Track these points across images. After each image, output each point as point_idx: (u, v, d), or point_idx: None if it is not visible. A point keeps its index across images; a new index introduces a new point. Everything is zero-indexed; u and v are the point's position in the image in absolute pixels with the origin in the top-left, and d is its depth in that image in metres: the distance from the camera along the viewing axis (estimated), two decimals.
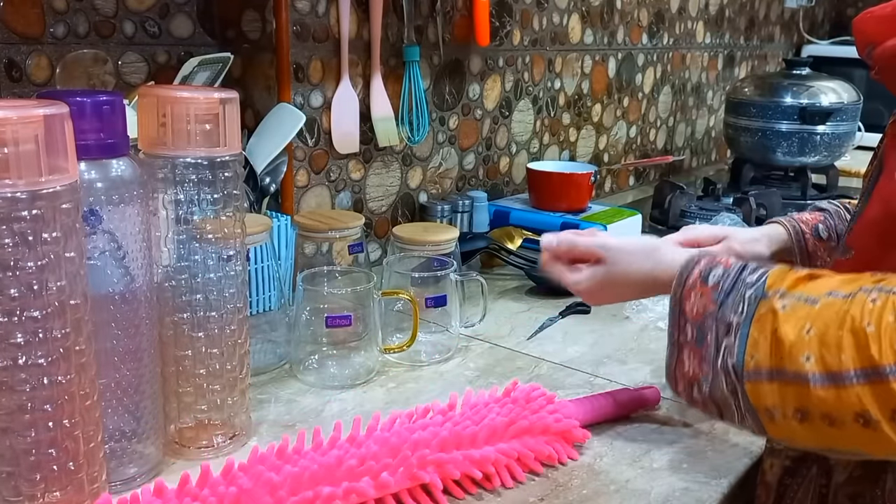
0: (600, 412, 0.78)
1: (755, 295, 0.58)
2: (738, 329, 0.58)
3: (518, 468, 0.69)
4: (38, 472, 0.55)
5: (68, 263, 0.53)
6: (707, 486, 0.70)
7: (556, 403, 0.75)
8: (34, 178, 0.50)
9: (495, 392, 0.77)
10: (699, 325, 0.61)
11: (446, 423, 0.69)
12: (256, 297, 0.95)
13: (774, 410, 0.55)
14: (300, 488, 0.60)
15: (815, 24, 2.82)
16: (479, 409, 0.73)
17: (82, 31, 0.92)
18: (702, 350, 0.60)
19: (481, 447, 0.68)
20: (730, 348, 0.58)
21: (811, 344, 0.53)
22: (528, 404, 0.74)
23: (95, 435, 0.58)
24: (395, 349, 0.90)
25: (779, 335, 0.55)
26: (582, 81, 1.68)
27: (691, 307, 0.62)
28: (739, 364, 0.57)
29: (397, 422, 0.70)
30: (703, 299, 0.61)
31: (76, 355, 0.55)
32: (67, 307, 0.54)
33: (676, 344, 0.63)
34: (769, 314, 0.56)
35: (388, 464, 0.63)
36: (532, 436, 0.71)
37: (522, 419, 0.71)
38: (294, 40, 1.08)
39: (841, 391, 0.51)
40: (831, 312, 0.54)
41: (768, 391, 0.55)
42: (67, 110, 0.52)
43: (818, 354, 0.53)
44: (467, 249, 1.16)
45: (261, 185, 1.01)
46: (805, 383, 0.53)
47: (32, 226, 0.51)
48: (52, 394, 0.54)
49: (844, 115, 1.73)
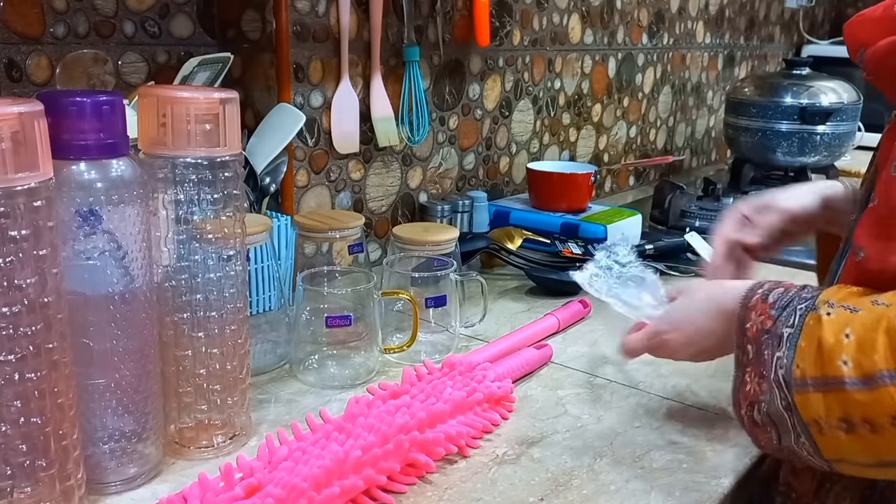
0: (519, 372, 0.87)
1: (807, 307, 0.59)
2: (789, 340, 0.58)
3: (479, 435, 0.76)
4: (7, 467, 0.55)
5: (39, 261, 0.53)
6: (707, 486, 0.69)
7: (490, 370, 0.82)
8: (2, 174, 0.50)
9: (432, 365, 0.82)
10: (757, 342, 0.62)
11: (415, 403, 0.73)
12: (256, 297, 0.95)
13: (822, 421, 0.55)
14: (321, 487, 0.61)
15: (815, 24, 2.82)
16: (436, 385, 0.77)
17: (82, 31, 0.92)
18: (760, 367, 0.61)
19: (448, 421, 0.73)
20: (781, 360, 0.58)
21: (848, 347, 0.54)
22: (473, 374, 0.80)
23: (69, 433, 0.57)
24: (395, 349, 0.90)
25: (820, 341, 0.56)
26: (582, 81, 1.68)
27: (751, 325, 0.63)
28: (788, 374, 0.58)
29: (374, 405, 0.73)
30: (762, 317, 0.62)
31: (47, 353, 0.55)
32: (37, 305, 0.53)
33: (740, 365, 0.64)
34: (816, 323, 0.57)
35: (389, 450, 0.66)
36: (484, 403, 0.78)
37: (476, 391, 0.77)
38: (294, 40, 1.08)
39: (875, 393, 0.52)
40: (870, 316, 0.54)
41: (815, 401, 0.56)
42: (42, 108, 0.52)
43: (854, 357, 0.54)
44: (467, 249, 1.16)
45: (261, 185, 1.01)
46: (843, 388, 0.54)
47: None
48: (21, 390, 0.54)
49: (844, 115, 1.73)
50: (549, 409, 0.82)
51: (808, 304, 0.59)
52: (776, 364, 0.59)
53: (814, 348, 0.56)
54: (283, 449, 0.65)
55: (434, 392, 0.76)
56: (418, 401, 0.73)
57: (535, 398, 0.84)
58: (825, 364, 0.55)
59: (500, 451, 0.74)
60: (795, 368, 0.57)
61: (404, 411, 0.71)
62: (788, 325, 0.59)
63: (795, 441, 0.59)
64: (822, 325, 0.57)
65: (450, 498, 0.66)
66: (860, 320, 0.55)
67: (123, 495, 0.64)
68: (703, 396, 0.85)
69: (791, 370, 0.57)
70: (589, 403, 0.84)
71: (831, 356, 0.55)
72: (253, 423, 0.76)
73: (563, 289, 1.14)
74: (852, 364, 0.54)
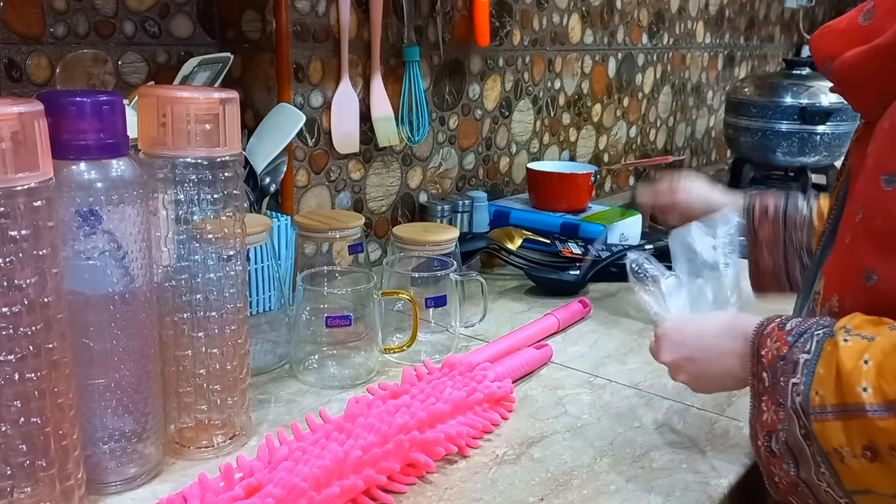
0: (519, 372, 0.87)
1: (825, 333, 0.59)
2: (806, 366, 0.58)
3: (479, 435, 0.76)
4: (7, 466, 0.55)
5: (39, 261, 0.53)
6: (707, 486, 0.70)
7: (490, 370, 0.82)
8: (2, 174, 0.50)
9: (432, 365, 0.82)
10: (773, 368, 0.61)
11: (415, 402, 0.73)
12: (256, 297, 0.95)
13: (843, 450, 0.55)
14: (321, 487, 0.61)
15: (815, 24, 2.81)
16: (436, 385, 0.77)
17: (82, 31, 0.92)
18: (776, 394, 0.60)
19: (448, 421, 0.73)
20: (797, 386, 0.58)
21: (868, 374, 0.54)
22: (473, 374, 0.80)
23: (69, 433, 0.57)
24: (395, 349, 0.90)
25: (839, 367, 0.55)
26: (582, 81, 1.68)
27: (767, 352, 0.62)
28: (805, 402, 0.57)
29: (374, 405, 0.73)
30: (778, 343, 0.61)
31: (47, 353, 0.55)
32: (38, 305, 0.53)
33: (756, 394, 0.63)
34: (833, 349, 0.57)
35: (389, 450, 0.66)
36: (484, 403, 0.78)
37: (476, 392, 0.77)
38: (294, 40, 1.08)
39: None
40: (888, 342, 0.54)
41: (833, 429, 0.55)
42: (42, 108, 0.52)
43: (875, 384, 0.53)
44: (467, 249, 1.16)
45: (261, 185, 1.01)
46: (864, 415, 0.53)
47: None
48: (21, 390, 0.54)
49: (844, 115, 1.73)
50: (549, 409, 0.82)
51: (826, 330, 0.59)
52: (793, 391, 0.58)
53: (833, 375, 0.55)
54: (283, 449, 0.65)
55: (434, 392, 0.76)
56: (418, 401, 0.74)
57: (535, 398, 0.84)
58: (845, 391, 0.54)
59: (500, 451, 0.74)
60: (814, 396, 0.56)
61: (404, 411, 0.71)
62: (805, 351, 0.58)
63: (816, 472, 0.57)
64: (839, 351, 0.56)
65: (450, 498, 0.66)
66: (879, 346, 0.54)
67: (123, 495, 0.65)
68: (703, 396, 0.85)
69: (808, 397, 0.57)
70: (589, 403, 0.84)
71: (850, 382, 0.54)
72: (253, 423, 0.76)
73: (563, 289, 1.15)
74: (872, 390, 0.53)
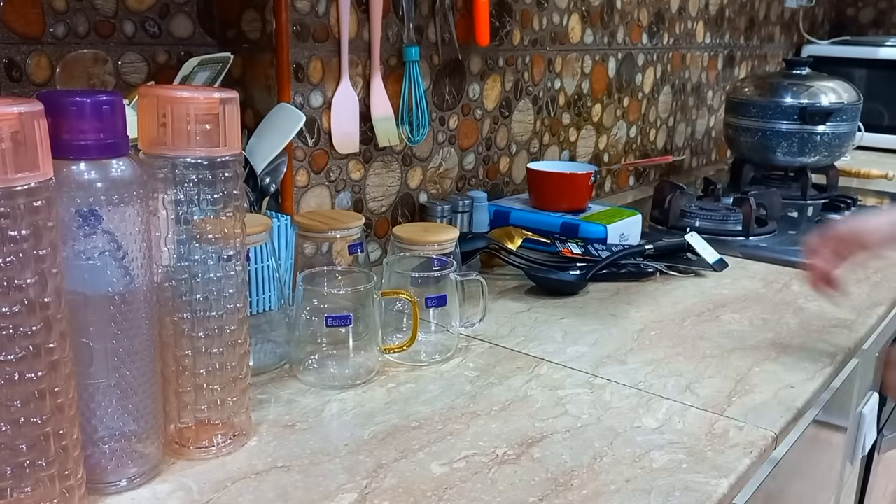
0: None
1: None
2: None
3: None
4: (7, 467, 0.55)
5: (39, 261, 0.53)
6: (707, 486, 0.70)
7: None
8: (2, 174, 0.50)
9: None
10: None
11: None
12: (256, 297, 0.95)
13: None
14: None
15: (815, 24, 2.82)
16: None
17: (82, 31, 0.92)
18: None
19: None
20: None
21: None
22: None
23: (69, 433, 0.57)
24: (395, 349, 0.90)
25: None
26: (582, 81, 1.68)
27: None
28: None
29: None
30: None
31: (47, 353, 0.55)
32: (38, 305, 0.53)
33: None
34: None
35: None
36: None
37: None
38: (294, 40, 1.08)
39: None
40: None
41: None
42: (42, 108, 0.52)
43: None
44: (467, 249, 1.16)
45: (261, 185, 1.01)
46: None
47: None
48: (21, 390, 0.54)
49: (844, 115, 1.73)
50: (549, 409, 0.82)
51: None
52: None
53: None
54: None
55: None
56: None
57: (535, 398, 0.84)
58: None
59: (500, 451, 0.74)
60: None
61: None
62: None
63: None
64: None
65: (450, 498, 0.66)
66: None
67: (123, 495, 0.65)
68: (703, 396, 0.85)
69: None
70: (589, 403, 0.84)
71: None
72: (253, 423, 0.76)
73: (564, 289, 1.15)
74: None
